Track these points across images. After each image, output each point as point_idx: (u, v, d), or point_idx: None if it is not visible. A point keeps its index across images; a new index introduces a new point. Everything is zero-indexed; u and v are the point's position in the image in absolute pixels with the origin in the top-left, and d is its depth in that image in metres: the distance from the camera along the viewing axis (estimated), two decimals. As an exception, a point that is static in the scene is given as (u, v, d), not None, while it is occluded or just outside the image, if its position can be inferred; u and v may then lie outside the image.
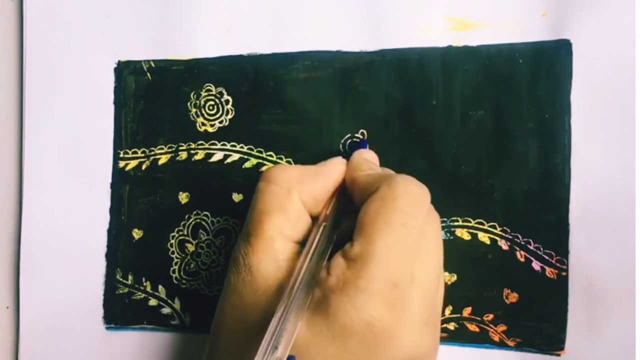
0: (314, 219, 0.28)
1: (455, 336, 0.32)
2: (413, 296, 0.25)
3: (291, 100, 0.34)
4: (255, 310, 0.26)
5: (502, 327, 0.32)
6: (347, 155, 0.31)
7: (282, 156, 0.34)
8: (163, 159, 0.35)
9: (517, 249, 0.32)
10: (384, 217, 0.25)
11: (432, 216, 0.27)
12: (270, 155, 0.34)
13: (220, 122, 0.35)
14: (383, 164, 0.32)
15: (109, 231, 0.36)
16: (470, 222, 0.32)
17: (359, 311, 0.24)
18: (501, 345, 0.32)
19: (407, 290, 0.24)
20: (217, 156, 0.35)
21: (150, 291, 0.35)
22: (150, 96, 0.35)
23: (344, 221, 0.28)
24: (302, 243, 0.28)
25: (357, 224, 0.26)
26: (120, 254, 0.35)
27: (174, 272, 0.35)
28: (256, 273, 0.27)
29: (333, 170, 0.29)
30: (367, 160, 0.30)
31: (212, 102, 0.35)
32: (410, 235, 0.25)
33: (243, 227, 0.28)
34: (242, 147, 0.34)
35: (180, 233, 0.35)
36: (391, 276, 0.24)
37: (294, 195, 0.28)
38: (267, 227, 0.27)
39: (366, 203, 0.26)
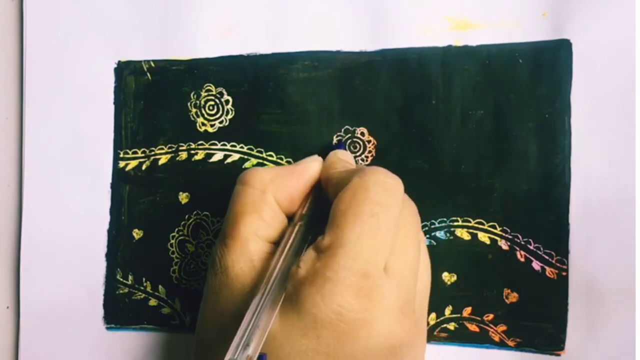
0: (290, 218, 0.29)
1: (455, 336, 0.32)
2: (386, 285, 0.25)
3: (291, 100, 0.34)
4: (231, 311, 0.26)
5: (502, 327, 0.32)
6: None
7: (282, 156, 0.34)
8: (163, 159, 0.35)
9: (517, 248, 0.32)
10: (354, 208, 0.25)
11: (407, 206, 0.27)
12: (270, 155, 0.34)
13: (221, 122, 0.35)
14: (383, 164, 0.32)
15: (109, 231, 0.36)
16: (470, 222, 0.32)
17: (327, 301, 0.24)
18: (501, 345, 0.32)
19: (379, 280, 0.24)
20: (217, 156, 0.35)
21: (151, 291, 0.35)
22: (151, 96, 0.35)
23: (320, 220, 0.28)
24: (278, 243, 0.28)
25: (329, 216, 0.26)
26: (121, 254, 0.35)
27: (174, 272, 0.35)
28: (231, 274, 0.27)
29: (307, 168, 0.29)
30: (342, 159, 0.30)
31: (212, 102, 0.35)
32: (381, 225, 0.25)
33: (221, 230, 0.28)
34: (242, 147, 0.34)
35: (181, 233, 0.35)
36: (361, 266, 0.24)
37: (268, 196, 0.28)
38: (242, 228, 0.27)
39: (338, 196, 0.26)
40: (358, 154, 0.33)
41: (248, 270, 0.27)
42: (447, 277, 0.32)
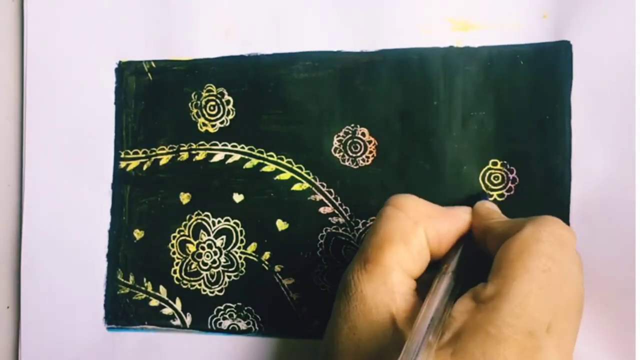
0: (435, 262, 0.27)
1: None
2: (548, 346, 0.23)
3: (292, 100, 0.34)
4: (371, 344, 0.25)
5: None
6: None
7: (283, 156, 0.34)
8: (164, 160, 0.35)
9: (518, 249, 0.32)
10: (525, 261, 0.23)
11: (576, 261, 0.25)
12: (271, 156, 0.34)
13: (221, 123, 0.35)
14: (385, 164, 0.33)
15: (110, 231, 0.36)
16: (471, 222, 0.32)
17: (488, 359, 0.22)
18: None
19: (542, 340, 0.23)
20: (218, 156, 0.35)
21: (151, 291, 0.35)
22: (151, 96, 0.35)
23: (464, 270, 0.27)
24: (417, 280, 0.26)
25: (493, 264, 0.24)
26: (121, 254, 0.35)
27: (175, 272, 0.35)
28: (370, 303, 0.25)
29: (460, 217, 0.28)
30: (496, 210, 0.29)
31: (213, 103, 0.35)
32: (551, 282, 0.23)
33: (360, 250, 0.27)
34: (242, 148, 0.34)
35: (181, 233, 0.35)
36: (526, 324, 0.22)
37: (420, 229, 0.26)
38: (387, 256, 0.25)
39: (505, 243, 0.24)
40: (359, 154, 0.33)
41: (389, 302, 0.25)
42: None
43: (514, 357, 0.22)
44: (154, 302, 0.35)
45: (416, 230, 0.26)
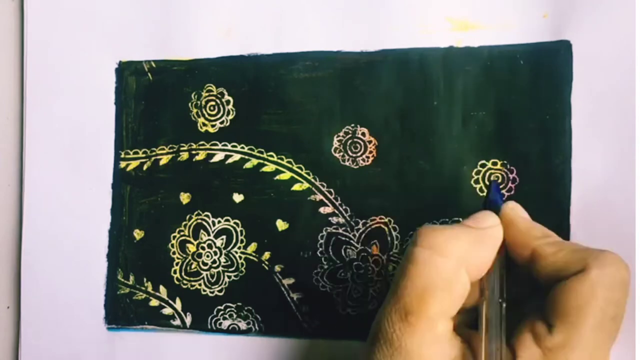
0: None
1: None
2: None
3: (292, 100, 0.34)
4: None
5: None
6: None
7: (283, 156, 0.34)
8: (164, 160, 0.35)
9: (518, 249, 0.32)
10: (594, 309, 0.22)
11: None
12: (271, 156, 0.34)
13: (221, 123, 0.35)
14: (385, 164, 0.33)
15: (110, 231, 0.36)
16: (471, 222, 0.32)
17: None
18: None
19: None
20: (218, 156, 0.35)
21: (152, 291, 0.35)
22: (152, 97, 0.35)
23: (504, 289, 0.25)
24: (454, 316, 0.25)
25: (554, 305, 0.23)
26: (122, 254, 0.35)
27: (175, 272, 0.35)
28: (415, 357, 0.23)
29: (495, 235, 0.25)
30: (531, 221, 0.27)
31: (213, 103, 0.35)
32: (616, 328, 0.23)
33: (394, 296, 0.24)
34: (242, 148, 0.34)
35: (181, 233, 0.35)
36: None
37: (462, 271, 0.24)
38: (431, 308, 0.23)
39: (569, 285, 0.23)
40: (359, 154, 0.33)
41: (440, 353, 0.24)
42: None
43: None
44: (154, 302, 0.35)
45: (458, 275, 0.24)
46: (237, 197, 0.34)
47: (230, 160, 0.35)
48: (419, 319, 0.23)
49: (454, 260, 0.24)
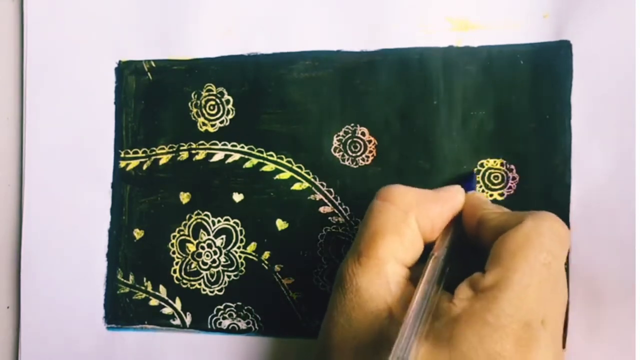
0: (427, 246, 0.28)
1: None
2: (542, 337, 0.23)
3: (292, 100, 0.34)
4: (367, 334, 0.25)
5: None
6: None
7: (283, 156, 0.34)
8: (164, 159, 0.35)
9: (518, 248, 0.32)
10: (526, 253, 0.24)
11: (565, 260, 0.26)
12: (271, 155, 0.34)
13: (221, 122, 0.35)
14: (384, 164, 0.33)
15: (110, 231, 0.36)
16: (471, 222, 0.32)
17: (485, 346, 0.23)
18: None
19: (537, 331, 0.23)
20: (218, 156, 0.35)
21: (151, 291, 0.35)
22: (151, 96, 0.35)
23: (454, 254, 0.27)
24: (412, 268, 0.27)
25: (491, 254, 0.25)
26: (121, 253, 0.35)
27: (174, 272, 0.35)
28: (365, 295, 0.25)
29: (453, 198, 0.28)
30: (486, 200, 0.29)
31: (213, 102, 0.35)
32: (550, 277, 0.24)
33: (353, 245, 0.27)
34: (242, 147, 0.34)
35: (181, 233, 0.35)
36: (524, 315, 0.23)
37: (411, 218, 0.27)
38: (380, 248, 0.26)
39: (506, 235, 0.25)
40: (358, 154, 0.33)
41: (384, 293, 0.25)
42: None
43: (510, 346, 0.23)
44: (153, 302, 0.35)
45: (407, 220, 0.27)
46: (237, 197, 0.34)
47: (230, 160, 0.35)
48: (369, 259, 0.26)
49: (404, 208, 0.27)
